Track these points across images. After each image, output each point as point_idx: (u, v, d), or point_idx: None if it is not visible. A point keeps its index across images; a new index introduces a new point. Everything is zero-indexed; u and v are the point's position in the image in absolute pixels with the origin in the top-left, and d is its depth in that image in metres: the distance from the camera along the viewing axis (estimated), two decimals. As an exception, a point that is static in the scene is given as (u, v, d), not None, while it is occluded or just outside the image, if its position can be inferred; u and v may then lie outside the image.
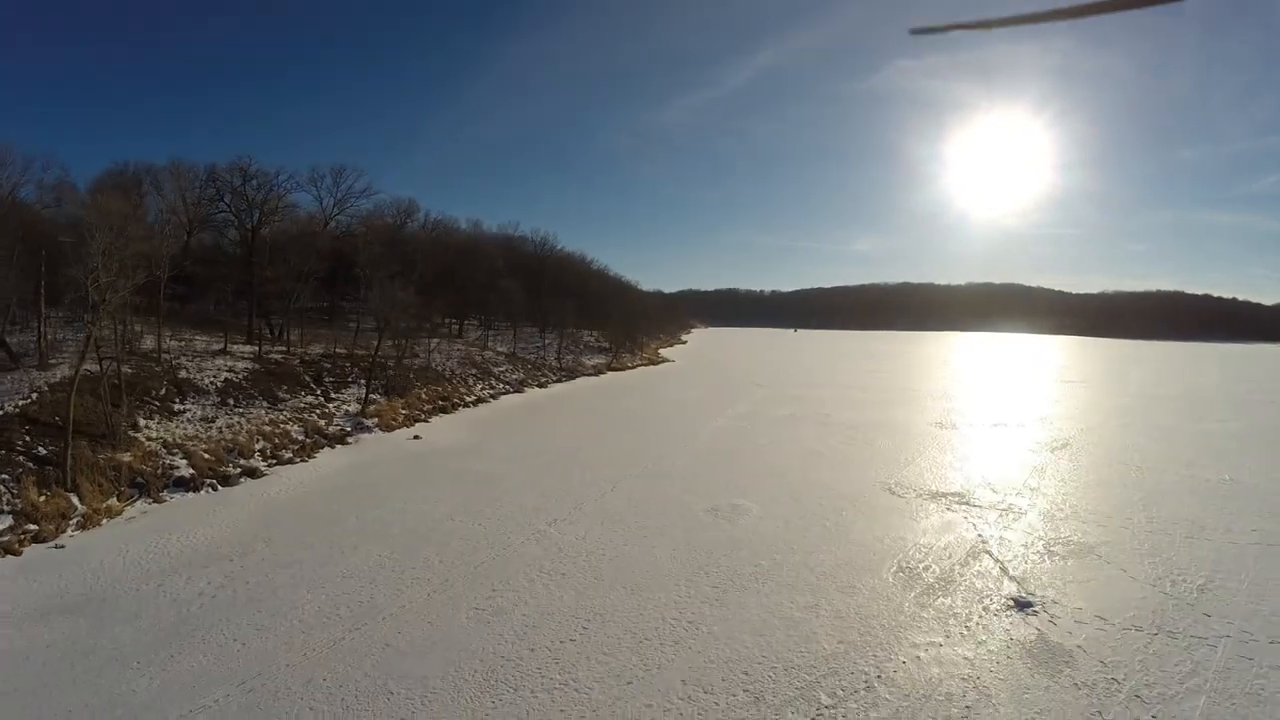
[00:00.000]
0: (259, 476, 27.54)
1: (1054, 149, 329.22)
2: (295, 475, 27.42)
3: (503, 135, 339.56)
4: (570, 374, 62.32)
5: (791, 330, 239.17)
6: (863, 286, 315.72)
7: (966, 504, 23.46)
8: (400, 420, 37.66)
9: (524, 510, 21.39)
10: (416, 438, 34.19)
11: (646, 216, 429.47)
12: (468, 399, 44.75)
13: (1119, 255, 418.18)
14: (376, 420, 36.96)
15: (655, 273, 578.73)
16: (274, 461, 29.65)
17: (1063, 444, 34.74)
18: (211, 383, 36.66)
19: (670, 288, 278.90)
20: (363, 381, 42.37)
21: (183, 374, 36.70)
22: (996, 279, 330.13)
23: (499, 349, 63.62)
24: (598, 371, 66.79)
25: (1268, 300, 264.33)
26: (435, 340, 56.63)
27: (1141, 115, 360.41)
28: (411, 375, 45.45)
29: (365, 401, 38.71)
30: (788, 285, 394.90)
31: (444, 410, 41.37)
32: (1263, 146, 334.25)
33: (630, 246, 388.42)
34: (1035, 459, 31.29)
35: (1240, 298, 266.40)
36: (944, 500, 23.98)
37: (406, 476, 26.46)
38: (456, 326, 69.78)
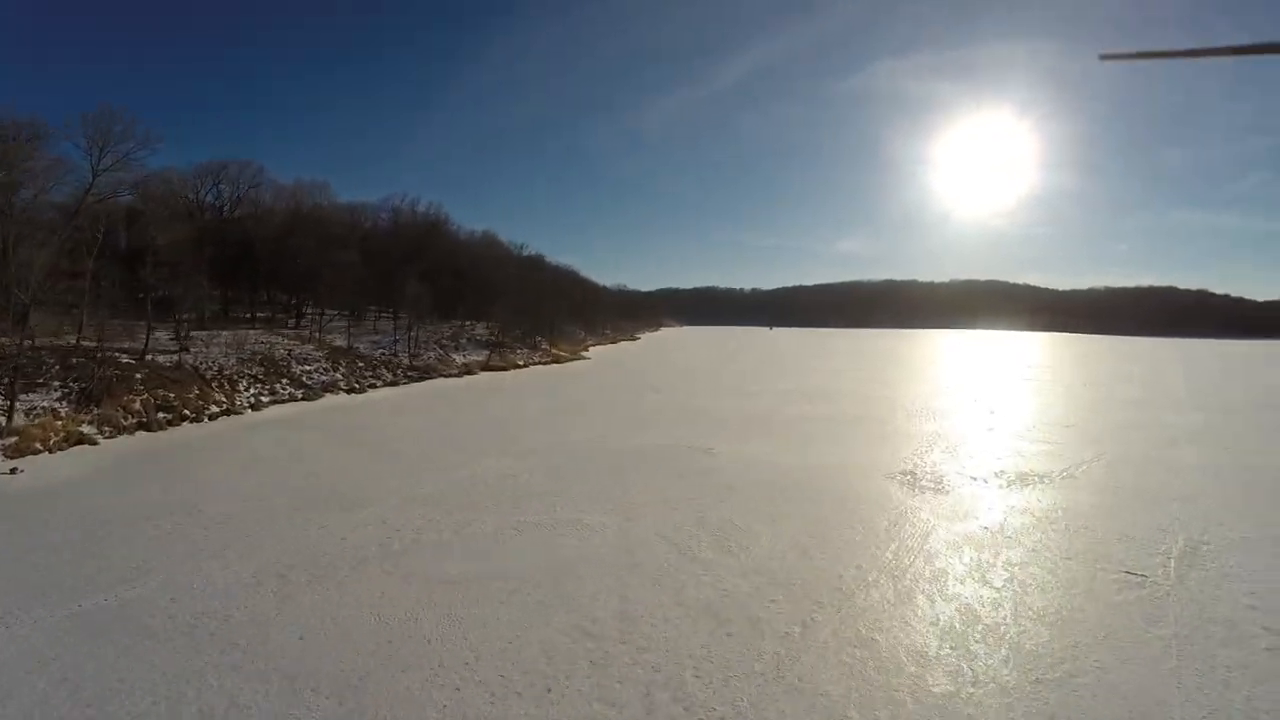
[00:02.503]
0: None
1: (1038, 149, 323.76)
2: None
3: (481, 134, 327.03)
4: (425, 374, 50.97)
5: (768, 328, 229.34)
6: (845, 284, 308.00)
7: None
8: (55, 440, 26.26)
9: None
10: (15, 471, 22.98)
11: (626, 216, 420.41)
12: (209, 410, 33.63)
13: (1103, 255, 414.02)
14: (15, 439, 26.10)
15: (633, 272, 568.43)
16: None
17: (1186, 548, 14.67)
18: None
19: (649, 286, 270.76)
20: (56, 384, 31.69)
21: None
22: (981, 277, 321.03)
23: (337, 342, 52.67)
24: (467, 371, 54.96)
25: (1259, 296, 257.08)
26: (228, 331, 45.90)
27: (1126, 117, 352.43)
28: (139, 376, 34.54)
29: (10, 413, 27.77)
30: (769, 284, 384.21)
31: (147, 428, 30.14)
32: (1244, 148, 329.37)
33: (607, 246, 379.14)
34: (1158, 628, 10.96)
35: (1233, 294, 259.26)
36: None
37: None
38: (294, 314, 59.13)
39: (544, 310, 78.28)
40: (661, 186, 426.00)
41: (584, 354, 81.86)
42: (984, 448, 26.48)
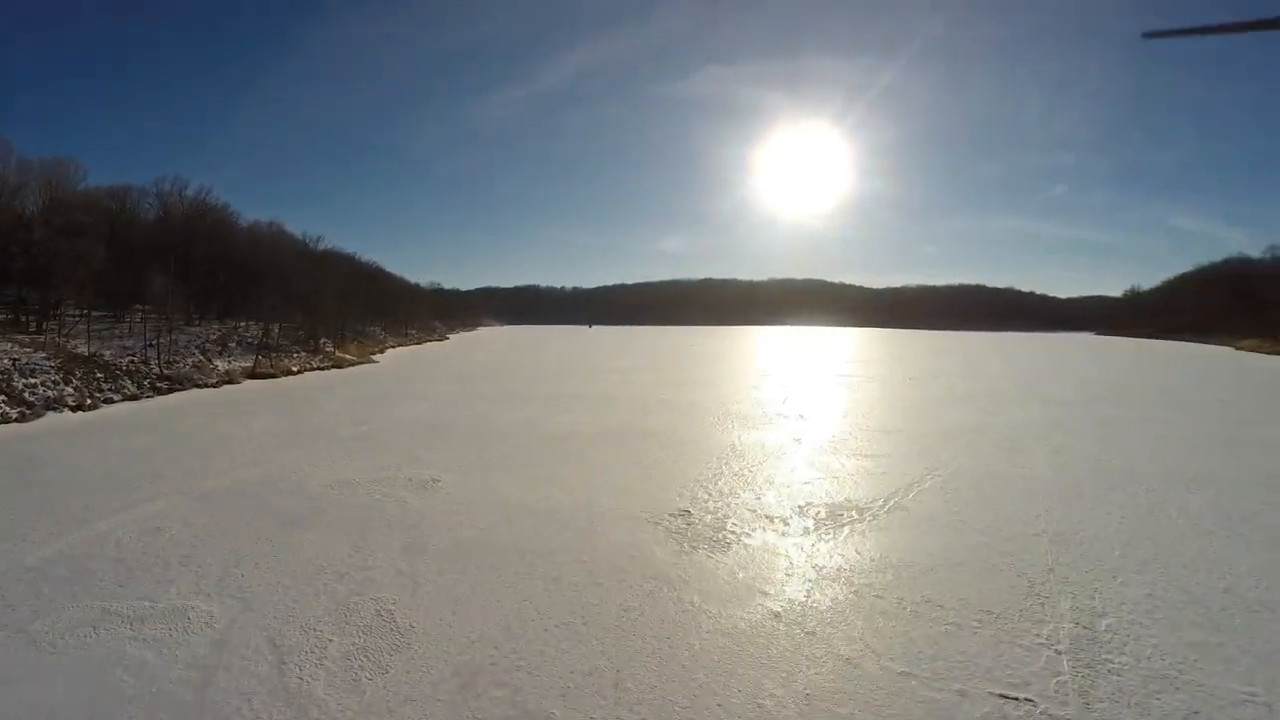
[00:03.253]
0: None
1: (853, 157, 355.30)
2: None
3: (301, 127, 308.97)
4: (177, 384, 48.08)
5: (587, 326, 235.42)
6: (666, 283, 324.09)
7: None
8: None
9: None
10: None
11: (446, 213, 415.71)
12: (-110, 435, 31.23)
13: (915, 256, 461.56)
14: None
15: (452, 271, 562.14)
16: None
17: (1078, 630, 9.78)
18: None
19: (469, 285, 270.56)
20: None
21: None
22: (799, 276, 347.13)
23: (80, 348, 49.15)
24: (227, 380, 51.66)
25: (1062, 294, 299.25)
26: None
27: (940, 129, 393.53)
28: None
29: None
30: (591, 282, 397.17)
31: None
32: (1054, 161, 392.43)
33: (425, 244, 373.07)
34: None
35: (1038, 291, 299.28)
36: None
37: None
38: (37, 316, 54.32)
39: (329, 308, 75.81)
40: (484, 185, 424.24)
41: (375, 357, 79.88)
42: (788, 467, 21.88)
